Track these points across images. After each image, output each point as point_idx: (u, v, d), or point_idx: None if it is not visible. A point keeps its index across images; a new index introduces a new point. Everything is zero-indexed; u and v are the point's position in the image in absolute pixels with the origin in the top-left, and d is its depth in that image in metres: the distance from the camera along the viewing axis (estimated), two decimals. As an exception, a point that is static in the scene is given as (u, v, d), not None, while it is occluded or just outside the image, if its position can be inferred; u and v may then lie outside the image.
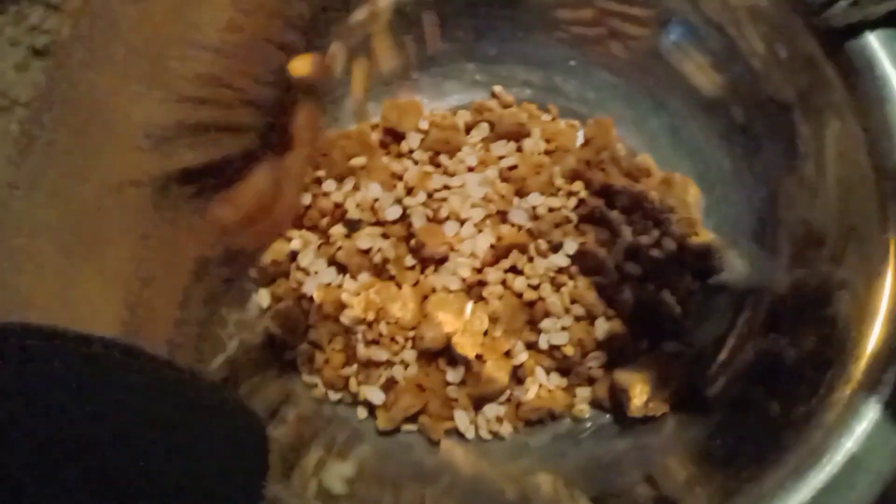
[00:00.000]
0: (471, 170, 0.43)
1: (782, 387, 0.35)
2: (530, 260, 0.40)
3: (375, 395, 0.39)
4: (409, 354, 0.39)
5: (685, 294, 0.41)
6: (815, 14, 0.36)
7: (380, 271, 0.40)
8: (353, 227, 0.41)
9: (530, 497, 0.35)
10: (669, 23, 0.42)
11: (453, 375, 0.39)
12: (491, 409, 0.39)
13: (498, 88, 0.47)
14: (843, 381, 0.32)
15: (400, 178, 0.42)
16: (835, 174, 0.37)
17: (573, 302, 0.39)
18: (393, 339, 0.39)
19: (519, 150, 0.44)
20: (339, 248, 0.41)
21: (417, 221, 0.41)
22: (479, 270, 0.40)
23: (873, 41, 0.35)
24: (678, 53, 0.43)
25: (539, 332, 0.39)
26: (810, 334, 0.36)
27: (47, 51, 0.52)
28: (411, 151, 0.44)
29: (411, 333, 0.39)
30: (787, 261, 0.39)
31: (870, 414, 0.31)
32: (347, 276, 0.41)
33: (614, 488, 0.35)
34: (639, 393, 0.37)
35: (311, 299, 0.40)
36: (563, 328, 0.39)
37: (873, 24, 0.35)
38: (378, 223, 0.41)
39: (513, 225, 0.41)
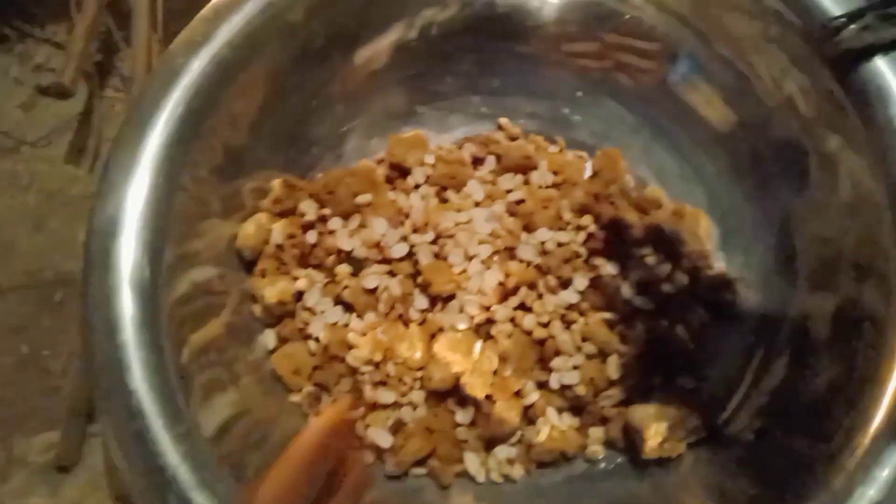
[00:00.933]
0: (478, 204, 0.43)
1: (801, 426, 0.34)
2: (539, 297, 0.40)
3: (383, 438, 0.38)
4: (418, 395, 0.39)
5: (699, 328, 0.40)
6: (827, 39, 0.36)
7: (387, 310, 0.40)
8: (359, 265, 0.41)
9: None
10: (678, 56, 0.42)
11: (463, 416, 0.38)
12: (502, 451, 0.38)
13: (504, 120, 0.47)
14: (865, 423, 0.31)
15: (406, 214, 0.42)
16: (849, 203, 0.36)
17: (584, 339, 0.39)
18: (401, 380, 0.38)
19: (526, 182, 0.44)
20: (346, 287, 0.40)
21: (424, 259, 0.40)
22: (488, 308, 0.39)
23: (886, 70, 0.35)
24: (687, 87, 0.42)
25: (550, 370, 0.39)
26: (828, 371, 0.35)
27: (52, 90, 0.53)
28: (417, 186, 0.44)
29: (419, 374, 0.39)
30: (803, 292, 0.38)
31: (892, 460, 0.30)
32: (354, 315, 0.40)
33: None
34: (653, 434, 0.36)
35: (317, 340, 0.40)
36: (575, 367, 0.38)
37: (884, 48, 0.35)
38: (384, 261, 0.41)
39: (521, 261, 0.40)
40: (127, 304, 0.34)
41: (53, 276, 0.48)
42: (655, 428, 0.36)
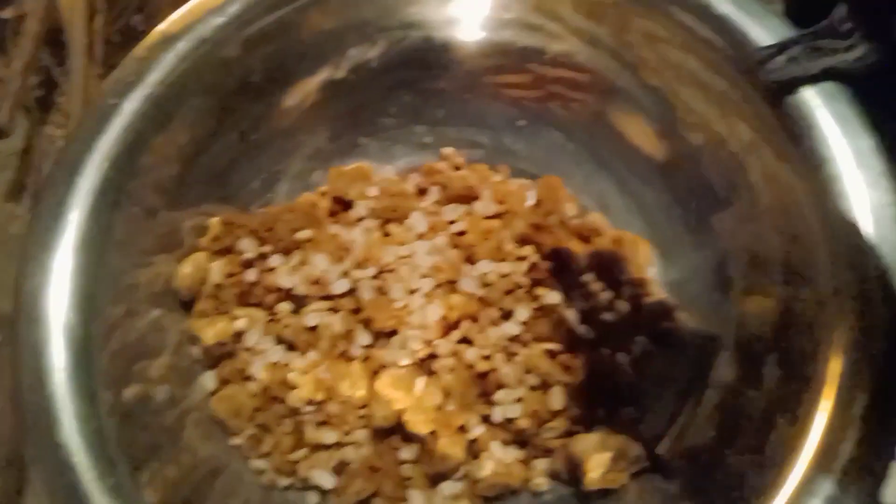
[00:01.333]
0: (421, 237, 0.43)
1: (741, 450, 0.35)
2: (482, 330, 0.39)
3: (326, 480, 0.37)
4: (362, 434, 0.38)
5: (640, 357, 0.40)
6: (754, 69, 0.36)
7: (329, 347, 0.39)
8: (300, 302, 0.40)
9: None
10: (612, 88, 0.42)
11: (407, 453, 0.38)
12: (447, 487, 0.38)
13: (447, 150, 0.47)
14: (800, 444, 0.31)
15: (347, 249, 0.41)
16: (784, 224, 0.36)
17: (527, 371, 0.39)
18: (343, 419, 0.38)
19: (469, 213, 0.44)
20: (287, 325, 0.40)
21: (366, 294, 0.40)
22: (430, 342, 0.39)
23: (815, 98, 0.35)
24: (623, 118, 0.43)
25: (493, 404, 0.38)
26: (766, 394, 0.35)
27: None
28: (360, 220, 0.43)
29: (362, 412, 0.38)
30: (739, 317, 0.39)
31: (828, 483, 0.30)
32: (296, 353, 0.40)
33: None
34: (595, 465, 0.36)
35: (258, 380, 0.39)
36: (518, 399, 0.38)
37: (811, 80, 0.35)
38: (326, 297, 0.40)
39: (463, 294, 0.40)
40: (57, 354, 0.33)
41: (-9, 319, 0.46)
42: (597, 459, 0.36)
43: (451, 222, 0.43)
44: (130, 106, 0.38)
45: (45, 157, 0.51)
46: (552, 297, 0.40)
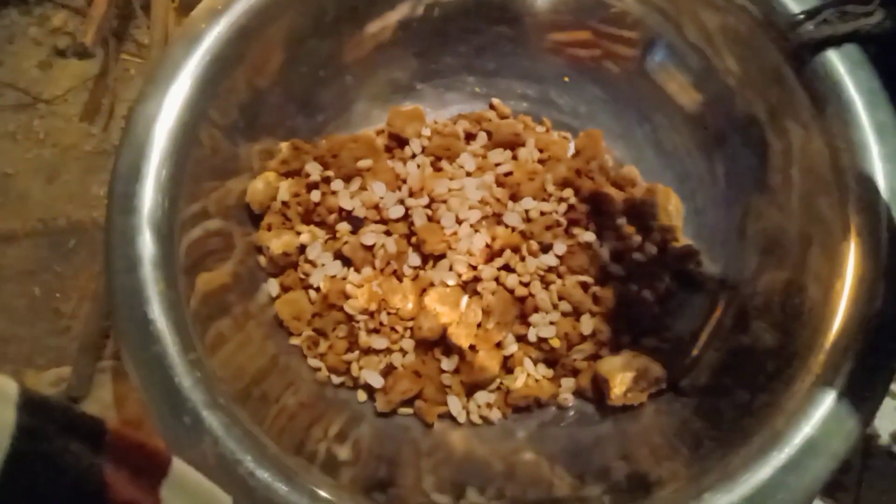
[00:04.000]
0: (469, 175, 0.46)
1: (749, 378, 0.39)
2: (522, 259, 0.43)
3: (375, 380, 0.41)
4: (408, 343, 0.42)
5: (664, 294, 0.44)
6: (788, 32, 0.40)
7: (383, 266, 0.43)
8: (358, 224, 0.44)
9: (515, 470, 0.38)
10: (654, 44, 0.46)
11: (448, 364, 0.42)
12: (482, 396, 0.42)
13: (496, 100, 0.51)
14: (804, 373, 0.35)
15: (403, 180, 0.45)
16: (800, 185, 0.40)
17: (561, 299, 0.43)
18: (393, 329, 0.42)
19: (514, 158, 0.48)
20: (345, 243, 0.44)
21: (418, 220, 0.44)
22: (475, 267, 0.43)
23: (840, 67, 0.39)
24: (662, 72, 0.47)
25: (529, 325, 0.42)
26: (775, 331, 0.39)
27: (70, 50, 0.56)
28: (414, 156, 0.47)
29: (410, 324, 0.42)
30: (756, 265, 0.43)
31: (826, 402, 0.34)
32: (352, 269, 0.44)
33: (593, 465, 0.38)
34: (619, 383, 0.40)
35: (317, 289, 0.43)
36: (551, 322, 0.42)
37: (839, 41, 0.39)
38: (382, 221, 0.44)
39: (507, 226, 0.44)
40: (147, 244, 0.37)
41: (66, 225, 0.50)
42: (621, 378, 0.40)
43: (498, 164, 0.47)
44: (218, 30, 0.42)
45: (119, 83, 0.55)
46: (587, 235, 0.44)
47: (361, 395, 0.42)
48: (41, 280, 0.49)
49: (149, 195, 0.38)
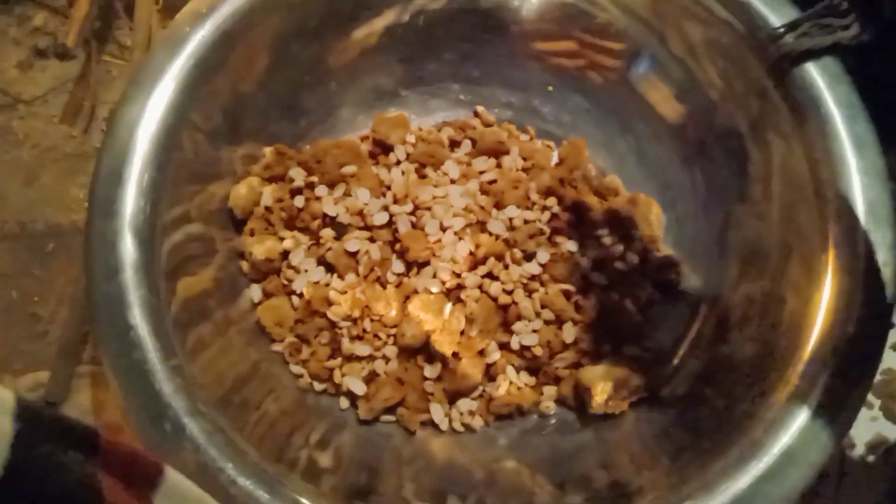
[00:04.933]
0: (453, 182, 0.47)
1: (729, 387, 0.39)
2: (506, 267, 0.43)
3: (357, 386, 0.41)
4: (391, 350, 0.42)
5: (645, 303, 0.44)
6: (769, 44, 0.40)
7: (366, 272, 0.43)
8: (342, 230, 0.44)
9: (497, 478, 0.39)
10: (638, 55, 0.47)
11: (430, 371, 0.42)
12: (464, 404, 0.42)
13: (480, 108, 0.51)
14: (783, 384, 0.36)
15: (388, 186, 0.45)
16: (780, 197, 0.41)
17: (543, 307, 0.43)
18: (376, 336, 0.42)
19: (498, 165, 0.48)
20: (329, 249, 0.43)
21: (403, 227, 0.44)
22: (459, 275, 0.43)
23: (819, 80, 0.40)
24: (645, 83, 0.47)
25: (511, 333, 0.42)
26: (754, 341, 0.40)
27: (51, 50, 0.55)
28: (399, 162, 0.47)
29: (393, 331, 0.42)
30: (736, 275, 0.43)
31: (804, 413, 0.34)
32: (335, 275, 0.43)
33: (574, 474, 0.39)
34: (600, 392, 0.40)
35: (300, 295, 0.43)
36: (534, 330, 0.42)
37: (818, 53, 0.40)
38: (365, 227, 0.44)
39: (491, 234, 0.44)
40: (128, 248, 0.37)
41: (45, 228, 0.50)
42: (602, 386, 0.40)
43: (482, 172, 0.47)
44: (202, 34, 0.41)
45: (101, 85, 0.55)
46: (570, 244, 0.44)
47: (344, 403, 0.42)
48: (18, 283, 0.48)
49: (130, 199, 0.38)
